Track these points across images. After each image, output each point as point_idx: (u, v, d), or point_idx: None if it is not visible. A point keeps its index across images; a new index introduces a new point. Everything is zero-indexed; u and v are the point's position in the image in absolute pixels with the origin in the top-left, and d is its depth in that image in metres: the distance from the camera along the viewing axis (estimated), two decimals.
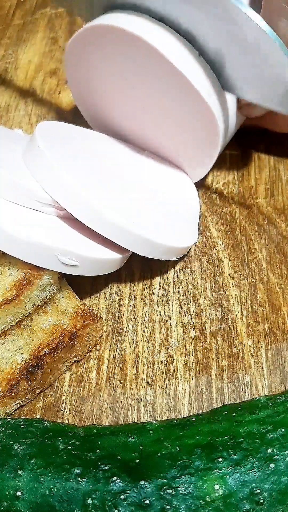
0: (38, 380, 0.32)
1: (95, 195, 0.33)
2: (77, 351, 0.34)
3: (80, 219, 0.33)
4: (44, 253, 0.32)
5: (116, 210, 0.33)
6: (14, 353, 0.32)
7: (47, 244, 0.32)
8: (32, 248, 0.32)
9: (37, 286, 0.33)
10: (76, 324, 0.34)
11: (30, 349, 0.32)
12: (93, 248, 0.34)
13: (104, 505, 0.25)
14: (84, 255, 0.33)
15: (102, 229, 0.33)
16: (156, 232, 0.35)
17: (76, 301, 0.35)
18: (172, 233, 0.36)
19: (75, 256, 0.32)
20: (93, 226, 0.33)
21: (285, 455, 0.26)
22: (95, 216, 0.33)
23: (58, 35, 0.53)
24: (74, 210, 0.33)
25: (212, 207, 0.42)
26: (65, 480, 0.26)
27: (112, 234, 0.33)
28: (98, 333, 0.35)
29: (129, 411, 0.33)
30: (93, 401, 0.34)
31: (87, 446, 0.27)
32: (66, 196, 0.33)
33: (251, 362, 0.35)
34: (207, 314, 0.37)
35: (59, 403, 0.34)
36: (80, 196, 0.33)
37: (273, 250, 0.40)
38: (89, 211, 0.33)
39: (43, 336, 0.33)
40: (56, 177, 0.33)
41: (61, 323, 0.34)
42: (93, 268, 0.34)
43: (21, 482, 0.26)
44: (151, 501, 0.25)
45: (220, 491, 0.25)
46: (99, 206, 0.33)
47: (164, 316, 0.37)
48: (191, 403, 0.34)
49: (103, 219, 0.33)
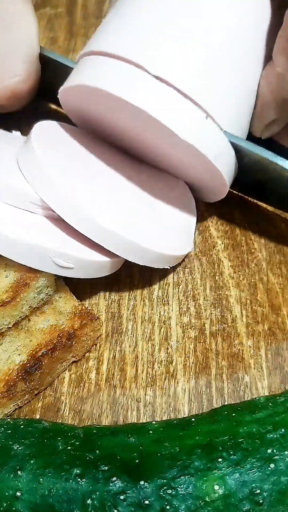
0: (36, 381, 0.32)
1: (85, 198, 0.33)
2: (75, 351, 0.34)
3: (69, 222, 0.33)
4: (38, 254, 0.32)
5: (105, 214, 0.33)
6: (11, 354, 0.32)
7: (41, 245, 0.31)
8: (26, 250, 0.31)
9: (34, 288, 0.33)
10: (73, 324, 0.34)
11: (28, 350, 0.32)
12: (88, 250, 0.34)
13: (103, 505, 0.25)
14: (79, 257, 0.33)
15: (89, 233, 0.33)
16: (147, 239, 0.34)
17: (73, 301, 0.35)
18: (165, 241, 0.36)
19: (69, 258, 0.32)
20: (81, 229, 0.33)
21: (284, 455, 0.26)
22: (83, 219, 0.32)
23: (58, 35, 0.53)
24: (63, 213, 0.33)
25: (212, 207, 0.42)
26: (65, 481, 0.26)
27: (100, 238, 0.33)
28: (96, 333, 0.35)
29: (128, 411, 0.33)
30: (92, 401, 0.34)
31: (87, 446, 0.27)
32: (56, 199, 0.33)
33: (251, 362, 0.35)
34: (206, 314, 0.37)
35: (58, 403, 0.34)
36: (69, 199, 0.32)
37: (273, 250, 0.40)
38: (78, 215, 0.32)
39: (41, 336, 0.33)
40: (47, 179, 0.33)
41: (58, 324, 0.34)
42: (88, 271, 0.34)
43: (21, 483, 0.26)
44: (150, 501, 0.25)
45: (220, 491, 0.25)
46: (87, 210, 0.32)
47: (164, 316, 0.37)
48: (190, 403, 0.33)
49: (92, 223, 0.32)
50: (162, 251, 0.35)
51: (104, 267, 0.35)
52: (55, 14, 0.55)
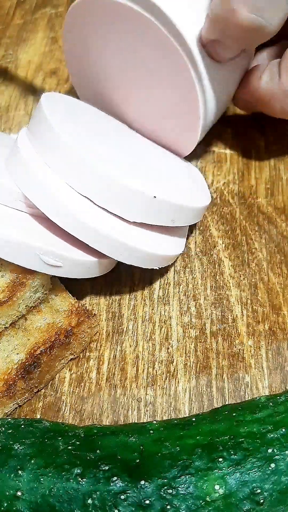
0: (35, 379, 0.33)
1: (68, 195, 0.32)
2: (72, 348, 0.34)
3: (52, 219, 0.32)
4: (26, 252, 0.31)
5: (89, 211, 0.32)
6: (10, 353, 0.32)
7: (28, 243, 0.31)
8: (13, 247, 0.31)
9: (30, 287, 0.33)
10: (71, 322, 0.34)
11: (26, 348, 0.32)
12: (77, 249, 0.33)
13: (104, 505, 0.25)
14: (66, 255, 0.32)
15: (73, 230, 0.32)
16: (134, 237, 0.33)
17: (70, 299, 0.35)
18: (154, 240, 0.35)
19: (57, 256, 0.32)
20: (65, 226, 0.32)
21: (285, 455, 0.26)
22: (65, 215, 0.32)
23: (58, 35, 0.53)
24: (47, 210, 0.32)
25: (212, 206, 0.42)
26: (65, 480, 0.26)
27: (84, 236, 0.32)
28: (93, 330, 0.35)
29: (129, 411, 0.33)
30: (93, 401, 0.34)
31: (87, 446, 0.27)
32: (41, 196, 0.32)
33: (252, 362, 0.35)
34: (207, 314, 0.37)
35: (59, 403, 0.34)
36: (53, 196, 0.32)
37: (273, 250, 0.40)
38: (61, 211, 0.32)
39: (39, 335, 0.33)
40: (32, 177, 0.32)
41: (56, 322, 0.34)
42: (78, 270, 0.33)
43: (21, 482, 0.26)
44: (151, 501, 0.25)
45: (221, 491, 0.25)
46: (70, 207, 0.32)
47: (165, 316, 0.37)
48: (191, 403, 0.33)
49: (75, 220, 0.32)
50: (150, 251, 0.34)
51: (94, 267, 0.34)
52: (56, 14, 0.55)
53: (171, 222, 0.34)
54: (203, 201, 0.37)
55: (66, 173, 0.33)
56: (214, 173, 0.43)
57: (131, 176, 0.33)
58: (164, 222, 0.34)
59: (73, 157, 0.32)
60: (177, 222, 0.35)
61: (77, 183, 0.33)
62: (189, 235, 0.40)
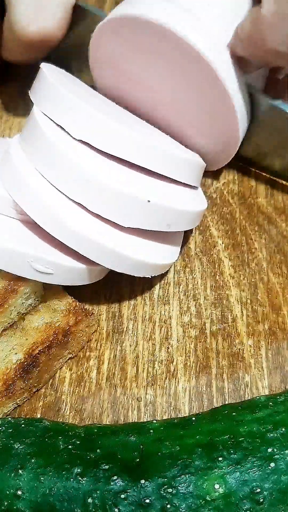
0: (34, 379, 0.33)
1: (58, 202, 0.32)
2: (71, 347, 0.34)
3: (42, 226, 0.32)
4: (16, 259, 0.31)
5: (78, 218, 0.32)
6: (8, 353, 0.32)
7: (18, 249, 0.31)
8: (3, 254, 0.31)
9: (22, 294, 0.33)
10: (68, 321, 0.34)
11: (24, 348, 0.32)
12: (68, 256, 0.33)
13: (104, 504, 0.25)
14: (57, 263, 0.32)
15: (62, 237, 0.32)
16: (125, 245, 0.33)
17: (67, 299, 0.35)
18: (147, 248, 0.34)
19: (48, 263, 0.32)
20: (55, 234, 0.32)
21: (285, 455, 0.26)
22: (54, 222, 0.32)
23: None
24: (36, 217, 0.32)
25: (212, 206, 0.42)
26: (66, 480, 0.26)
27: (73, 243, 0.32)
28: (91, 329, 0.35)
29: (129, 410, 0.33)
30: (93, 400, 0.34)
31: (88, 445, 0.27)
32: (29, 202, 0.32)
33: (251, 362, 0.35)
34: (207, 313, 0.37)
35: (59, 402, 0.34)
36: (42, 202, 0.32)
37: (273, 250, 0.40)
38: (50, 218, 0.32)
39: (37, 335, 0.33)
40: (22, 183, 0.32)
41: (53, 321, 0.34)
42: (69, 277, 0.33)
43: (22, 482, 0.26)
44: (151, 500, 0.25)
45: (221, 490, 0.25)
46: (60, 213, 0.31)
47: (165, 316, 0.37)
48: (191, 402, 0.34)
49: (63, 227, 0.32)
50: (142, 259, 0.33)
51: (86, 274, 0.34)
52: None
53: (166, 226, 0.34)
54: (199, 205, 0.36)
55: (58, 179, 0.32)
56: (214, 173, 0.43)
57: (125, 181, 0.33)
58: (159, 227, 0.34)
59: (65, 163, 0.32)
60: (173, 226, 0.34)
61: (70, 189, 0.32)
62: (189, 235, 0.40)
